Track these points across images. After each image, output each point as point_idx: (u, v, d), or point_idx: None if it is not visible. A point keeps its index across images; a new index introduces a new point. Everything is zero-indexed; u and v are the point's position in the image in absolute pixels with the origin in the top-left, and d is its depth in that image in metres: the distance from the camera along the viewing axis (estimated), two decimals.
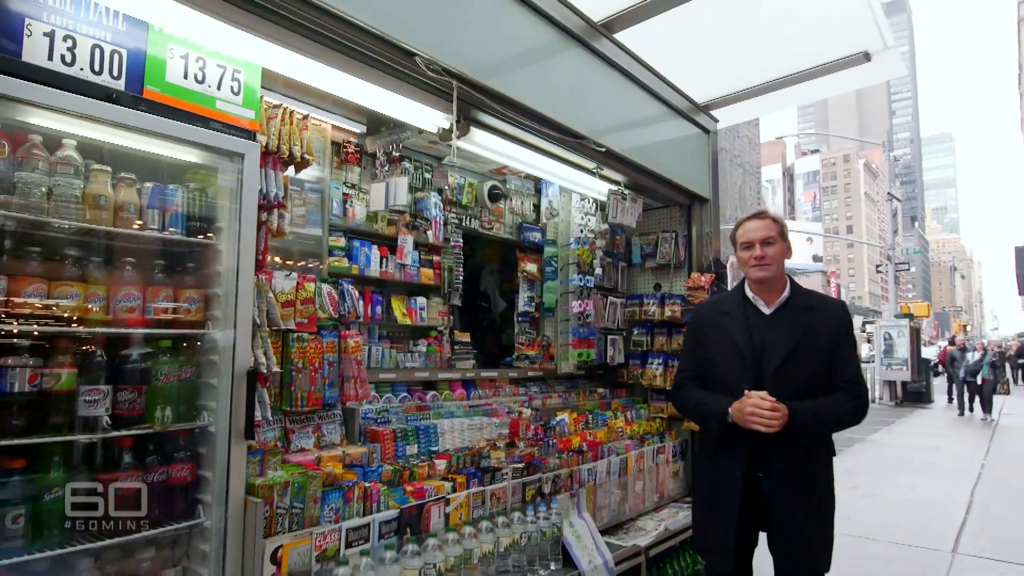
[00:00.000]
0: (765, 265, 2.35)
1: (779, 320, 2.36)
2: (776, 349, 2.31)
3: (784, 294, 2.40)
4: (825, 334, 2.32)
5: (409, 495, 2.41)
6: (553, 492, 3.04)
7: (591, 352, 3.97)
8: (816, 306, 2.38)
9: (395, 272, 3.26)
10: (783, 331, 2.33)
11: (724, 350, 2.41)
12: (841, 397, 2.29)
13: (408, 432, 2.70)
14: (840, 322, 2.36)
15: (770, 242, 2.36)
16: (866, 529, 5.90)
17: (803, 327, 2.31)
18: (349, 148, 3.07)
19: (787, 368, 2.28)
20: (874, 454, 10.04)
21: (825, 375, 2.31)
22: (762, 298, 2.41)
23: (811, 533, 2.32)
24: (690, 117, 4.29)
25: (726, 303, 2.53)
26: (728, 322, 2.43)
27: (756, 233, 2.38)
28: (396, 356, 3.18)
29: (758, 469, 2.34)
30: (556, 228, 4.16)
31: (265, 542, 1.92)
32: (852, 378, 2.32)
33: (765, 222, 2.41)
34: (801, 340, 2.29)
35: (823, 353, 2.31)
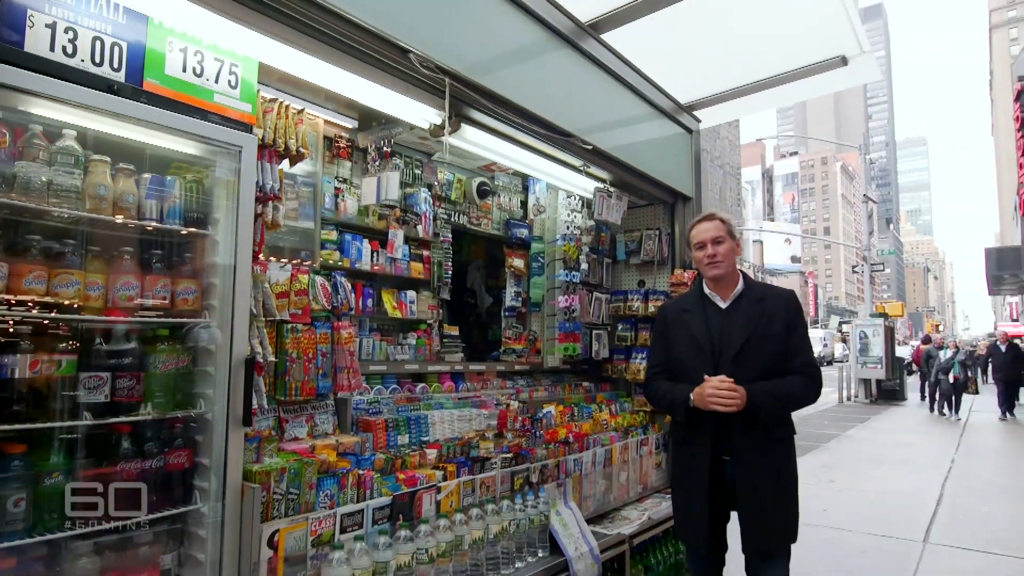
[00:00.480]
0: (717, 263, 2.55)
1: (735, 312, 2.55)
2: (733, 338, 2.50)
3: (738, 288, 2.59)
4: (777, 321, 2.51)
5: (401, 483, 2.46)
6: (540, 481, 3.11)
7: (577, 346, 4.05)
8: (767, 296, 2.57)
9: (386, 266, 3.30)
10: (738, 322, 2.52)
11: (686, 344, 2.61)
12: (795, 378, 2.48)
13: (399, 422, 2.75)
14: (790, 309, 2.54)
15: (720, 241, 2.55)
16: (843, 521, 6.07)
17: (756, 316, 2.50)
18: (341, 143, 3.10)
19: (744, 355, 2.46)
20: (850, 450, 10.28)
21: (780, 360, 2.49)
22: (718, 293, 2.60)
23: (775, 509, 2.49)
24: (674, 117, 4.39)
25: (687, 301, 2.73)
26: (689, 318, 2.63)
27: (707, 233, 2.57)
28: (386, 348, 3.22)
29: (723, 452, 2.52)
30: (543, 224, 4.24)
31: (262, 526, 1.96)
32: (805, 361, 2.51)
33: (714, 223, 2.60)
34: (755, 329, 2.48)
35: (777, 339, 2.49)
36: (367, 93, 2.63)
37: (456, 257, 5.47)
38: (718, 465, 2.53)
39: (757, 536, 2.49)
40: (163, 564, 2.00)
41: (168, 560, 2.01)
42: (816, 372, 2.54)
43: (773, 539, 2.51)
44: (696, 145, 4.61)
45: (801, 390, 2.51)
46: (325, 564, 2.06)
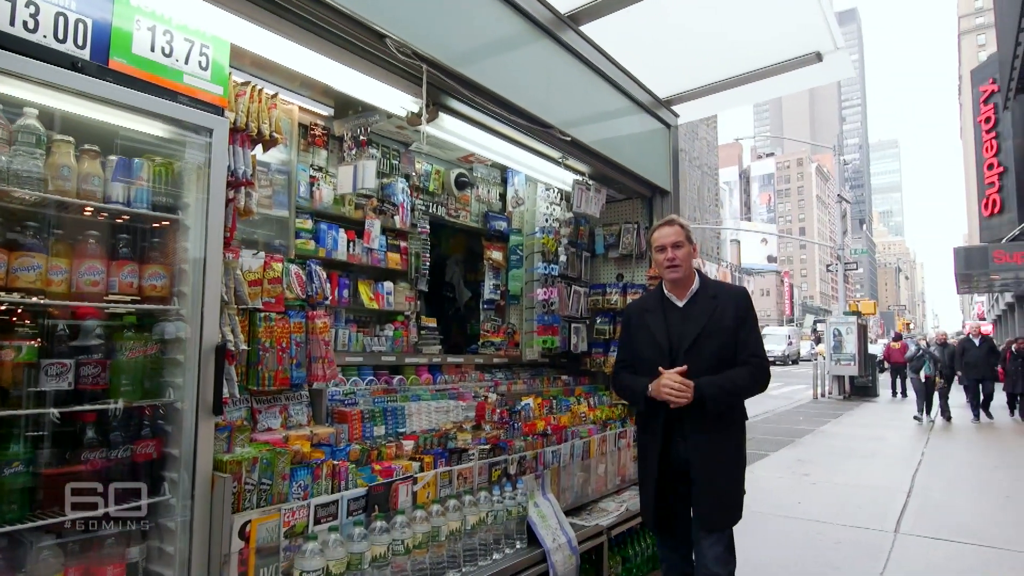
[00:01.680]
0: (676, 266, 2.71)
1: (690, 310, 2.73)
2: (687, 334, 2.68)
3: (693, 287, 2.76)
4: (728, 317, 2.67)
5: (377, 474, 2.43)
6: (519, 473, 3.10)
7: (555, 340, 4.04)
8: (719, 294, 2.75)
9: (362, 256, 3.25)
10: (692, 318, 2.70)
11: (646, 341, 2.78)
12: (743, 369, 2.64)
13: (376, 413, 2.71)
14: (739, 305, 2.70)
15: (679, 245, 2.71)
16: (816, 513, 6.16)
17: (709, 313, 2.67)
18: (316, 131, 3.05)
19: (696, 348, 2.64)
20: (823, 444, 10.44)
21: (730, 353, 2.65)
22: (675, 294, 2.78)
23: (721, 484, 2.64)
24: (652, 111, 4.41)
25: (649, 302, 2.91)
26: (649, 318, 2.80)
27: (667, 238, 2.73)
28: (363, 340, 3.18)
29: (678, 436, 2.68)
30: (522, 217, 4.22)
31: (233, 517, 1.92)
32: (753, 352, 2.67)
33: (674, 228, 2.76)
34: (707, 324, 2.66)
35: (727, 333, 2.65)
36: (342, 79, 2.59)
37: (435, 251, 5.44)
38: (674, 449, 2.69)
39: (703, 508, 2.64)
40: (131, 557, 1.94)
41: (136, 553, 1.96)
42: (763, 363, 2.69)
43: (716, 512, 2.64)
44: (674, 140, 4.63)
45: (748, 380, 2.66)
46: (298, 556, 2.02)
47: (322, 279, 2.57)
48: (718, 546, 2.62)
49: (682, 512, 2.78)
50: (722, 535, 2.65)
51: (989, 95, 17.69)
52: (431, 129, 3.00)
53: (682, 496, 2.75)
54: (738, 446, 2.75)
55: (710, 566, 2.60)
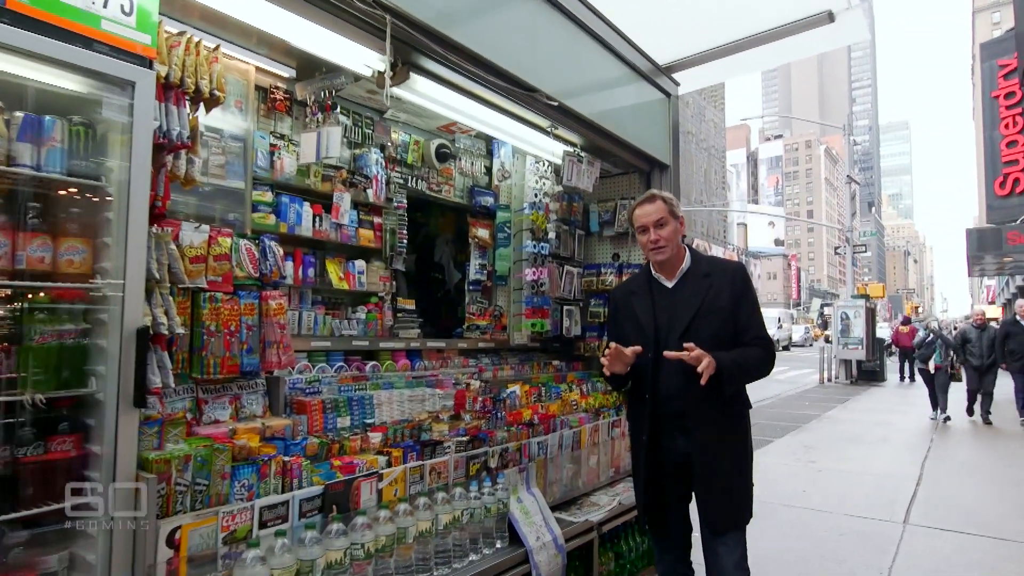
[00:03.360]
0: (661, 247, 2.45)
1: (680, 291, 2.48)
2: (679, 318, 2.43)
3: (684, 266, 2.51)
4: (725, 296, 2.42)
5: (337, 470, 2.20)
6: (500, 467, 2.87)
7: (545, 323, 3.80)
8: (713, 271, 2.48)
9: (330, 232, 3.00)
10: (684, 300, 2.45)
11: (632, 327, 2.53)
12: (751, 348, 2.41)
13: (339, 403, 2.48)
14: (736, 282, 2.45)
15: (662, 223, 2.44)
16: (822, 502, 5.94)
17: (702, 293, 2.42)
18: (277, 94, 2.78)
19: (691, 334, 2.37)
20: (830, 430, 10.21)
21: (730, 335, 2.41)
22: (664, 274, 2.53)
23: (731, 483, 2.42)
24: (651, 79, 4.11)
25: (635, 283, 2.66)
26: (635, 301, 2.56)
27: (649, 217, 2.45)
28: (331, 323, 2.93)
29: (677, 430, 2.44)
30: (509, 192, 3.95)
31: (160, 523, 1.70)
32: (757, 334, 2.44)
33: (656, 205, 2.47)
34: (702, 305, 2.40)
35: (724, 314, 2.41)
36: (300, 33, 2.33)
37: (423, 230, 5.22)
38: (670, 443, 2.47)
39: (711, 508, 2.43)
40: (47, 566, 1.72)
41: (55, 562, 1.74)
42: (770, 345, 2.46)
43: (725, 513, 2.43)
44: (674, 110, 4.34)
45: (759, 358, 2.43)
46: (238, 565, 1.80)
47: (278, 256, 2.33)
48: (736, 551, 2.41)
49: (678, 510, 2.57)
50: (739, 538, 2.43)
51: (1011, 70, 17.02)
52: (402, 92, 2.74)
53: (679, 493, 2.54)
54: (745, 437, 2.54)
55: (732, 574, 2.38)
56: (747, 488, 2.49)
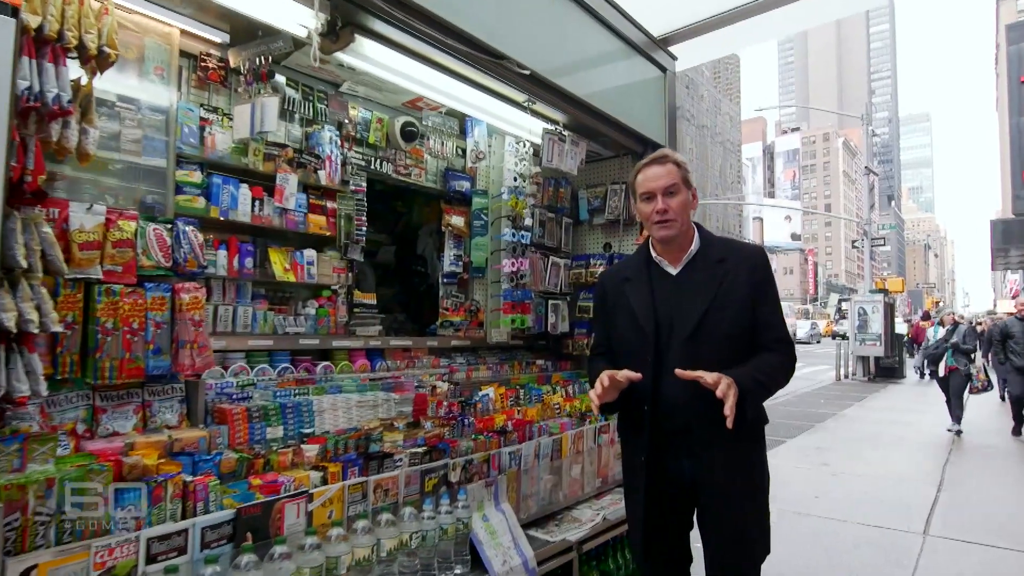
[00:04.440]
0: (668, 222, 2.00)
1: (687, 281, 2.05)
2: (686, 314, 1.99)
3: (692, 248, 2.07)
4: (742, 286, 1.99)
5: (256, 490, 1.89)
6: (464, 481, 2.55)
7: (526, 318, 3.47)
8: (728, 256, 2.04)
9: (274, 218, 2.68)
10: (692, 292, 2.01)
11: (627, 321, 2.12)
12: (771, 356, 1.99)
13: (270, 410, 2.17)
14: (756, 270, 2.03)
15: (673, 191, 2.01)
16: (835, 509, 5.57)
17: (715, 283, 1.99)
18: (210, 62, 2.47)
19: (701, 333, 1.96)
20: (845, 430, 9.78)
21: (745, 336, 1.99)
22: (667, 258, 2.10)
23: (746, 517, 2.04)
24: (644, 52, 3.75)
25: (629, 267, 2.22)
26: (629, 290, 2.13)
27: (657, 182, 2.01)
28: (274, 319, 2.63)
29: (682, 450, 2.05)
30: (488, 176, 3.62)
31: (7, 561, 1.40)
32: (779, 336, 2.02)
33: (666, 168, 2.03)
34: (714, 300, 1.97)
35: (740, 310, 1.98)
36: None
37: (403, 218, 4.91)
38: (673, 466, 2.07)
39: (724, 550, 2.05)
40: None
41: None
42: (791, 350, 2.05)
43: (741, 552, 2.04)
44: (671, 87, 3.97)
45: (781, 369, 2.02)
46: None
47: (194, 242, 2.02)
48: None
49: (678, 540, 2.19)
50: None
51: None
52: (349, 58, 2.42)
53: (680, 521, 2.16)
54: (762, 459, 2.14)
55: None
56: (764, 521, 2.10)
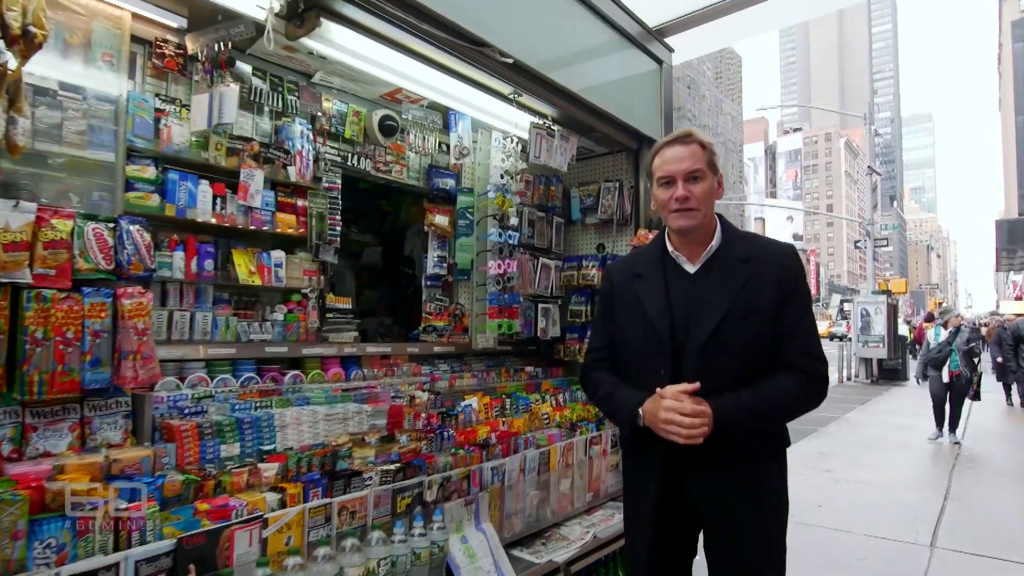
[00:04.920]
0: (690, 211, 1.75)
1: (706, 280, 1.79)
2: (702, 319, 1.74)
3: (713, 243, 1.82)
4: (768, 291, 1.73)
5: (202, 516, 1.72)
6: (440, 499, 2.37)
7: (514, 323, 3.29)
8: (755, 256, 1.78)
9: (238, 217, 2.49)
10: (711, 294, 1.76)
11: (637, 325, 1.86)
12: (788, 379, 1.73)
13: (225, 426, 1.99)
14: (786, 273, 1.77)
15: (697, 176, 1.76)
16: (838, 519, 5.38)
17: (738, 285, 1.74)
18: (166, 49, 2.30)
19: (716, 345, 1.72)
20: (848, 434, 9.59)
21: (767, 348, 1.74)
22: (685, 253, 1.84)
23: (758, 551, 1.79)
24: (639, 42, 3.57)
25: (641, 262, 1.95)
26: (642, 287, 1.87)
27: (680, 164, 1.75)
28: (237, 325, 2.45)
29: (685, 473, 1.79)
30: (473, 173, 3.44)
31: None
32: (805, 350, 1.75)
33: (691, 148, 1.77)
34: (735, 304, 1.72)
35: (764, 317, 1.73)
36: None
37: (389, 218, 4.73)
38: (682, 487, 1.82)
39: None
40: None
41: None
42: (821, 367, 1.78)
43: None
44: (667, 80, 3.79)
45: (795, 398, 1.75)
46: None
47: (140, 243, 1.84)
48: None
49: (680, 561, 1.95)
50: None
51: None
52: (316, 44, 2.26)
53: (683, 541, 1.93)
54: (780, 490, 1.85)
55: None
56: (778, 555, 1.86)
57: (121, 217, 1.84)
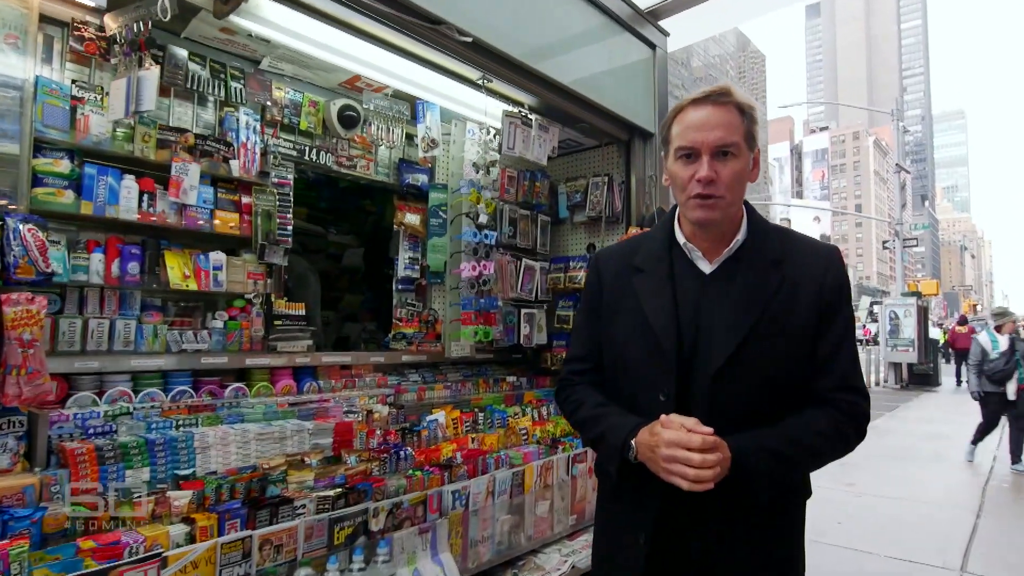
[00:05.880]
0: (714, 199, 1.31)
1: (726, 285, 1.37)
2: (718, 337, 1.33)
3: (737, 238, 1.39)
4: (805, 305, 1.34)
5: (86, 555, 1.49)
6: (390, 528, 2.12)
7: (491, 330, 3.03)
8: (789, 257, 1.38)
9: (169, 215, 2.27)
10: (731, 305, 1.34)
11: (633, 333, 1.42)
12: (821, 417, 1.33)
13: (132, 448, 1.77)
14: (828, 283, 1.36)
15: (729, 151, 1.30)
16: (861, 538, 5.00)
17: (767, 296, 1.34)
18: (86, 32, 2.10)
19: (735, 369, 1.31)
20: (874, 444, 9.10)
21: (801, 374, 1.35)
22: (701, 246, 1.40)
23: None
24: (630, 25, 3.30)
25: (642, 251, 1.48)
26: (641, 285, 1.43)
27: (708, 133, 1.29)
28: (167, 334, 2.23)
29: (685, 527, 1.37)
30: (447, 168, 3.20)
31: None
32: (845, 381, 1.35)
33: (725, 112, 1.31)
34: (763, 319, 1.32)
35: (799, 337, 1.34)
36: None
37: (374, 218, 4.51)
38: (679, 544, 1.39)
39: None
40: None
41: None
42: (864, 403, 1.37)
43: None
44: (662, 66, 3.51)
45: (831, 438, 1.33)
46: None
47: (31, 244, 1.63)
48: None
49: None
50: None
51: None
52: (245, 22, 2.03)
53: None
54: (796, 547, 1.45)
55: None
56: None
57: (8, 215, 1.63)
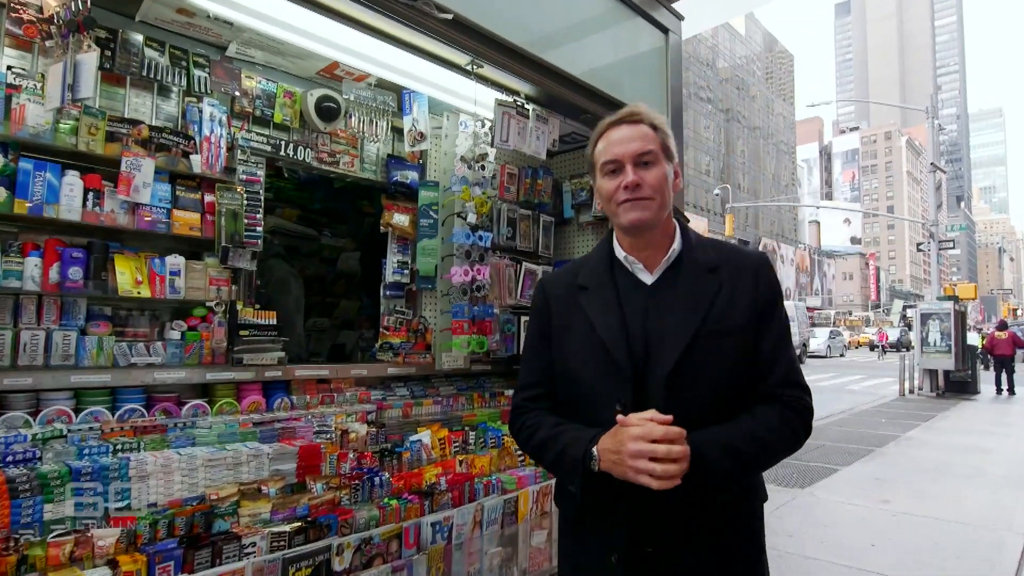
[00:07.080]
0: (643, 200, 1.39)
1: (668, 293, 1.44)
2: (666, 342, 1.38)
3: (674, 248, 1.46)
4: (742, 307, 1.40)
5: None
6: (359, 567, 1.89)
7: (486, 340, 2.78)
8: (724, 263, 1.45)
9: (119, 215, 2.06)
10: (676, 311, 1.41)
11: (584, 350, 1.45)
12: (770, 413, 1.38)
13: (51, 479, 1.56)
14: (762, 285, 1.44)
15: (648, 160, 1.40)
16: (896, 562, 4.61)
17: (706, 301, 1.40)
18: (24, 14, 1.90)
19: (685, 373, 1.35)
20: (910, 457, 8.62)
21: (745, 375, 1.40)
22: (640, 258, 1.47)
23: None
24: (640, 8, 3.04)
25: (584, 271, 1.56)
26: (587, 302, 1.49)
27: (626, 146, 1.40)
28: (114, 347, 2.01)
29: (644, 542, 1.35)
30: (439, 164, 2.96)
31: None
32: (788, 378, 1.42)
33: (638, 128, 1.41)
34: (706, 322, 1.38)
35: (742, 340, 1.39)
36: None
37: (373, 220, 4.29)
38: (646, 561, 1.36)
39: None
40: None
41: None
42: (806, 398, 1.42)
43: None
44: (675, 53, 3.23)
45: (782, 433, 1.38)
46: None
47: None
48: None
49: None
50: None
51: None
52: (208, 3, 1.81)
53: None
54: (757, 559, 1.48)
55: None
56: None
57: None
